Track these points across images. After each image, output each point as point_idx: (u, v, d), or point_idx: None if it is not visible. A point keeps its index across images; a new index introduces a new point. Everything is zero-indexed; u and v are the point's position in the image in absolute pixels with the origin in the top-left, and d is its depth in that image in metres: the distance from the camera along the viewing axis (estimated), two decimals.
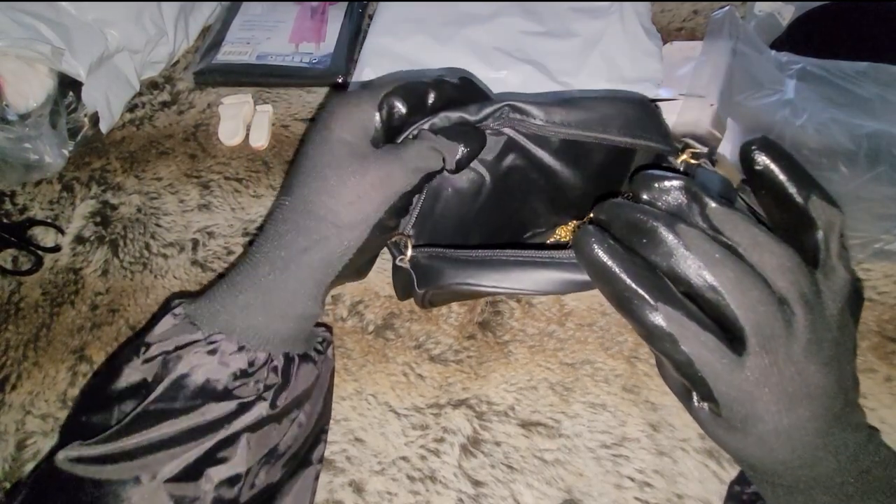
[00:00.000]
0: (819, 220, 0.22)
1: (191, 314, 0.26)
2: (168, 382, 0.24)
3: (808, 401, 0.22)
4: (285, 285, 0.26)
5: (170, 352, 0.25)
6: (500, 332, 0.37)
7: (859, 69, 0.38)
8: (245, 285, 0.26)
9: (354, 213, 0.27)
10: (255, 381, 0.25)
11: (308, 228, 0.26)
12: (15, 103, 0.44)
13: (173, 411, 0.23)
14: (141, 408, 0.23)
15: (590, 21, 0.49)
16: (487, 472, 0.32)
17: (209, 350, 0.24)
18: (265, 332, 0.26)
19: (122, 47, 0.50)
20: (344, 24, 0.56)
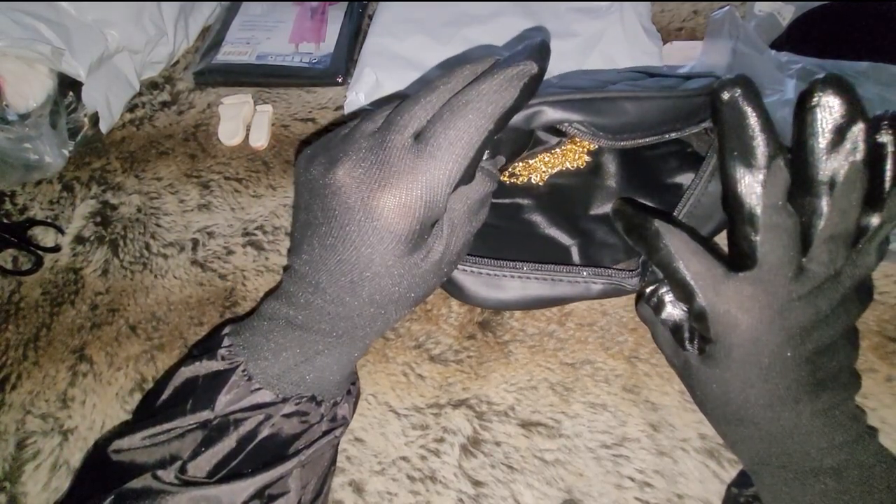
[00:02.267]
0: (891, 206, 0.23)
1: (255, 376, 0.26)
2: (259, 441, 0.25)
3: (791, 342, 0.23)
4: (350, 352, 0.27)
5: (241, 411, 0.26)
6: (500, 332, 0.37)
7: (859, 69, 0.38)
8: (312, 352, 0.26)
9: (412, 301, 0.26)
10: (321, 424, 0.27)
11: (370, 316, 0.26)
12: (15, 103, 0.44)
13: (265, 466, 0.25)
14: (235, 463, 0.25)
15: (590, 21, 0.49)
16: (487, 472, 0.32)
17: (293, 412, 0.26)
18: (335, 385, 0.28)
19: (122, 47, 0.50)
20: (344, 25, 0.56)
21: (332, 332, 0.26)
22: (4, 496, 0.33)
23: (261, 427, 0.25)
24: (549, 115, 0.29)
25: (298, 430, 0.26)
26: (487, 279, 0.33)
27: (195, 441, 0.25)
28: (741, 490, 0.28)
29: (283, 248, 0.42)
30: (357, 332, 0.26)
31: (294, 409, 0.26)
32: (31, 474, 0.33)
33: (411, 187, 0.23)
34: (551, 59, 0.25)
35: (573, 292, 0.33)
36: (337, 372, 0.27)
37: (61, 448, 0.34)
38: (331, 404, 0.28)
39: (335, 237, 0.24)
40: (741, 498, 0.28)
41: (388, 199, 0.23)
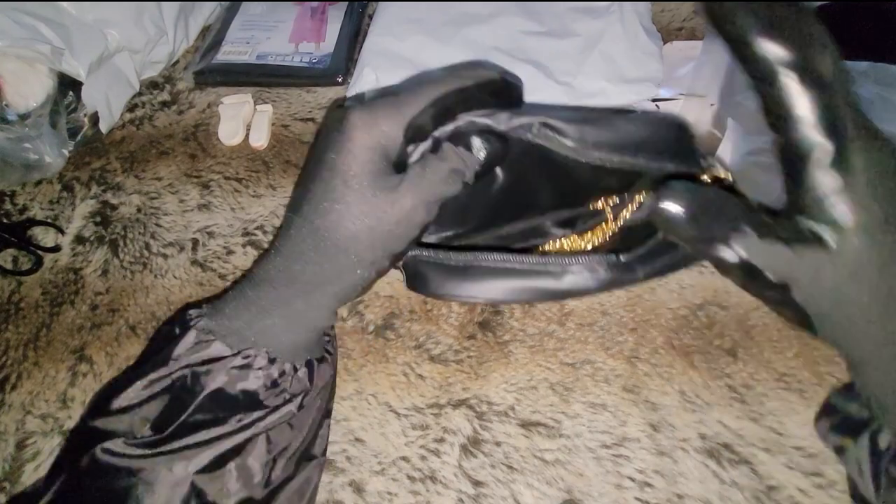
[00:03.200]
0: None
1: (214, 330, 0.27)
2: (206, 395, 0.26)
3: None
4: (309, 308, 0.27)
5: (198, 366, 0.26)
6: (500, 332, 0.37)
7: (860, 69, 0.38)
8: (270, 307, 0.27)
9: (378, 247, 0.27)
10: (282, 389, 0.27)
11: (333, 261, 0.27)
12: (15, 103, 0.44)
13: (214, 420, 0.25)
14: (182, 418, 0.25)
15: (590, 21, 0.49)
16: (487, 472, 0.32)
17: (242, 364, 0.26)
18: (291, 346, 0.28)
19: (122, 47, 0.50)
20: (344, 24, 0.56)
21: (288, 283, 0.27)
22: (4, 496, 0.33)
23: (210, 380, 0.26)
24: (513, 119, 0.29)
25: (251, 388, 0.26)
26: (455, 270, 0.32)
27: (162, 403, 0.26)
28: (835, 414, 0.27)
29: None
30: (314, 285, 0.27)
31: (244, 361, 0.26)
32: (31, 474, 0.33)
33: (375, 106, 0.27)
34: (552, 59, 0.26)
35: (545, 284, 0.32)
36: (290, 330, 0.27)
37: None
38: (289, 367, 0.27)
39: (317, 162, 0.27)
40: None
41: (356, 114, 0.27)
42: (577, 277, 0.32)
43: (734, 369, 0.34)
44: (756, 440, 0.32)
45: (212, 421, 0.25)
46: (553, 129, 0.29)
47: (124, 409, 0.26)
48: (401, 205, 0.26)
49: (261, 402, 0.26)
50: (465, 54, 0.49)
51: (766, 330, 0.35)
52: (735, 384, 0.34)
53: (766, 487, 0.30)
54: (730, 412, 0.33)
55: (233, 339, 0.27)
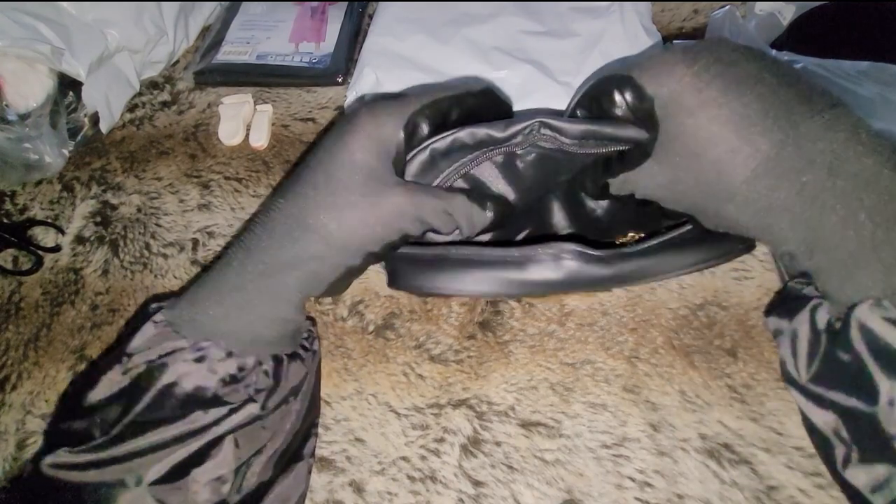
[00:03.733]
0: None
1: (173, 321, 0.25)
2: (155, 392, 0.24)
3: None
4: (268, 291, 0.26)
5: (153, 360, 0.24)
6: (500, 331, 0.37)
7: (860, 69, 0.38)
8: (228, 289, 0.25)
9: (353, 240, 0.26)
10: (245, 385, 0.25)
11: (301, 241, 0.26)
12: (15, 103, 0.44)
13: (162, 420, 0.23)
14: (129, 418, 0.23)
15: (590, 21, 0.49)
16: (488, 472, 0.32)
17: (196, 357, 0.24)
18: (251, 337, 0.26)
19: (122, 47, 0.50)
20: (344, 24, 0.56)
21: (248, 264, 0.26)
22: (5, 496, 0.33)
23: (161, 372, 0.24)
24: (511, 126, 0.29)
25: (207, 384, 0.24)
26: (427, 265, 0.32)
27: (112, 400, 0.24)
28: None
29: None
30: (274, 267, 0.25)
31: (198, 354, 0.24)
32: None
33: (377, 104, 0.28)
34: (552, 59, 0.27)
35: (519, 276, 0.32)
36: (249, 320, 0.25)
37: None
38: (251, 362, 0.25)
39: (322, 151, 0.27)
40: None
41: (363, 109, 0.28)
42: (542, 267, 0.31)
43: (734, 369, 0.34)
44: (756, 440, 0.32)
45: (162, 420, 0.23)
46: (551, 129, 0.29)
47: (86, 409, 0.24)
48: (387, 205, 0.26)
49: (219, 398, 0.24)
50: (465, 54, 0.48)
51: (766, 330, 0.35)
52: (735, 384, 0.34)
53: (767, 487, 0.30)
54: (730, 412, 0.33)
55: (189, 330, 0.25)
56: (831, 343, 0.23)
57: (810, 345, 0.24)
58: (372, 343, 0.37)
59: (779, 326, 0.26)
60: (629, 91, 0.27)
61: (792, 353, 0.25)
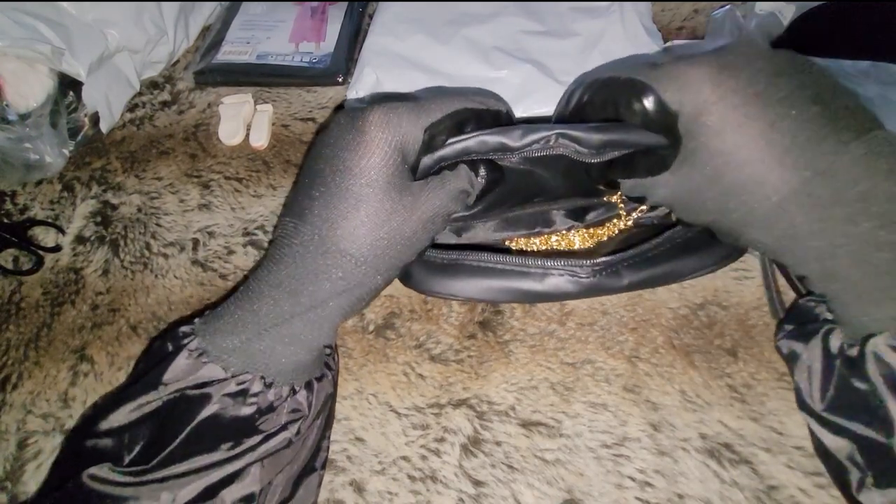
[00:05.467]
0: None
1: (208, 351, 0.25)
2: (197, 423, 0.24)
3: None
4: (311, 327, 0.25)
5: (191, 390, 0.24)
6: (500, 331, 0.37)
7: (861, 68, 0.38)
8: (268, 325, 0.25)
9: (392, 259, 0.26)
10: (278, 413, 0.25)
11: (341, 273, 0.25)
12: (15, 103, 0.44)
13: (202, 449, 0.23)
14: (172, 446, 0.23)
15: (590, 20, 0.49)
16: (488, 471, 0.32)
17: (237, 391, 0.24)
18: (293, 367, 0.26)
19: (122, 47, 0.50)
20: (344, 24, 0.56)
21: (289, 298, 0.25)
22: (5, 496, 0.33)
23: (202, 406, 0.24)
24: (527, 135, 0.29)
25: (246, 414, 0.24)
26: (439, 267, 0.32)
27: (153, 425, 0.24)
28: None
29: None
30: (319, 300, 0.25)
31: (238, 387, 0.24)
32: (33, 474, 0.33)
33: (395, 109, 0.26)
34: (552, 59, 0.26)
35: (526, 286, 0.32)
36: (290, 351, 0.25)
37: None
38: (285, 391, 0.26)
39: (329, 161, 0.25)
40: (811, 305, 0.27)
41: (375, 113, 0.26)
42: (559, 280, 0.32)
43: (735, 369, 0.34)
44: (757, 440, 0.32)
45: (202, 449, 0.24)
46: (570, 139, 0.29)
47: (113, 430, 0.24)
48: (421, 212, 0.25)
49: (255, 427, 0.25)
50: (465, 54, 0.48)
51: (766, 330, 0.35)
52: (735, 384, 0.34)
53: (767, 487, 0.30)
54: (730, 412, 0.33)
55: (227, 361, 0.25)
56: (846, 370, 0.23)
57: (824, 371, 0.24)
58: (372, 343, 0.37)
59: (793, 349, 0.26)
60: (651, 102, 0.26)
61: (807, 379, 0.25)
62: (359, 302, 0.26)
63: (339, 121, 0.27)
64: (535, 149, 0.29)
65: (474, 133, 0.29)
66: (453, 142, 0.29)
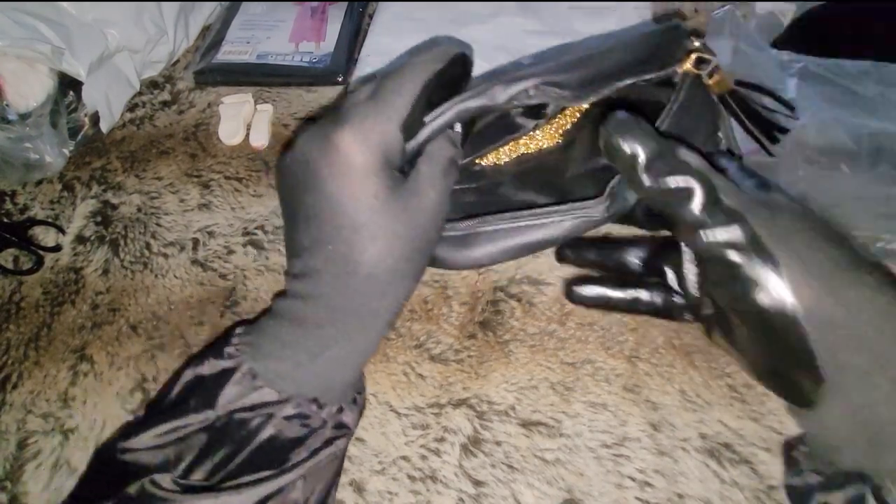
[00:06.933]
0: None
1: (261, 374, 0.26)
2: (257, 445, 0.25)
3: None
4: (358, 345, 0.27)
5: (244, 410, 0.25)
6: (500, 331, 0.37)
7: (861, 68, 0.38)
8: (318, 349, 0.26)
9: (417, 259, 0.26)
10: (324, 430, 0.27)
11: (375, 291, 0.25)
12: (15, 103, 0.44)
13: (259, 467, 0.25)
14: (232, 465, 0.25)
15: (590, 20, 0.49)
16: (488, 471, 0.32)
17: (293, 414, 0.26)
18: (339, 387, 0.27)
19: (122, 47, 0.50)
20: (344, 24, 0.56)
21: (335, 323, 0.26)
22: (6, 495, 0.33)
23: (262, 428, 0.25)
24: (507, 90, 0.28)
25: (300, 434, 0.26)
26: (455, 240, 0.31)
27: (200, 443, 0.25)
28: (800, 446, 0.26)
29: (284, 247, 0.42)
30: (362, 320, 0.26)
31: (295, 411, 0.26)
32: (33, 474, 0.33)
33: (363, 119, 0.25)
34: None
35: (543, 235, 0.31)
36: (342, 372, 0.27)
37: (62, 448, 0.34)
38: (334, 410, 0.27)
39: (315, 201, 0.25)
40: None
41: (344, 134, 0.24)
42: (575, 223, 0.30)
43: (734, 369, 0.34)
44: (756, 440, 0.32)
45: (260, 467, 0.25)
46: (551, 85, 0.28)
47: (158, 446, 0.25)
48: (426, 204, 0.26)
49: (305, 444, 0.26)
50: None
51: None
52: (735, 384, 0.34)
53: (767, 487, 0.30)
54: (730, 412, 0.33)
55: (280, 384, 0.26)
56: None
57: None
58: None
59: None
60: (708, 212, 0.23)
61: None
62: (399, 308, 0.27)
63: (305, 148, 0.26)
64: (517, 103, 0.28)
65: (452, 103, 0.28)
66: (432, 119, 0.28)
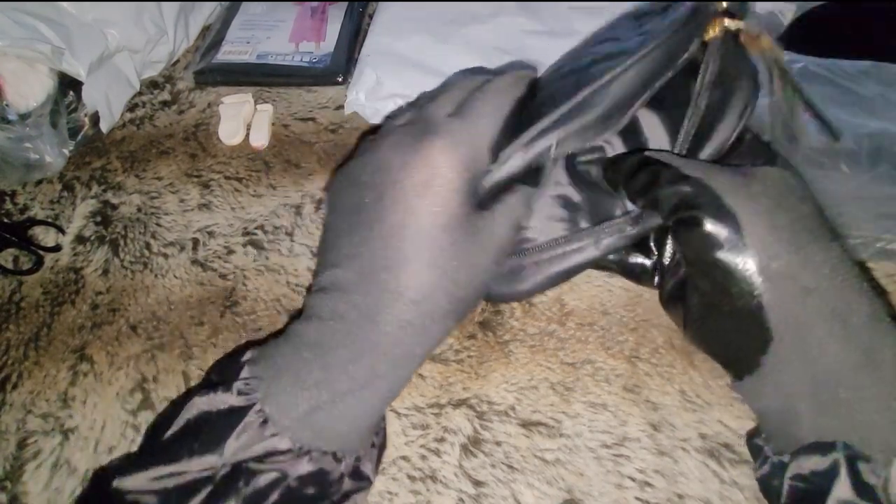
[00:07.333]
0: None
1: (276, 420, 0.22)
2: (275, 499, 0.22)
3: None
4: (386, 388, 0.24)
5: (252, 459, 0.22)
6: (500, 331, 0.37)
7: (861, 68, 0.38)
8: (342, 389, 0.23)
9: (465, 303, 0.24)
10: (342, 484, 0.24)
11: (416, 325, 0.23)
12: (15, 103, 0.44)
13: None
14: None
15: (590, 20, 0.49)
16: (488, 471, 0.32)
17: (310, 472, 0.23)
18: (359, 435, 0.24)
19: (122, 47, 0.50)
20: (344, 24, 0.56)
21: (360, 357, 0.22)
22: (5, 495, 0.33)
23: (273, 489, 0.22)
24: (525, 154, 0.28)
25: (314, 493, 0.23)
26: (503, 277, 0.32)
27: (202, 495, 0.22)
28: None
29: (284, 247, 0.42)
30: (392, 357, 0.23)
31: (311, 468, 0.23)
32: (32, 474, 0.33)
33: (455, 133, 0.23)
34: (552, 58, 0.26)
35: (584, 257, 0.31)
36: (363, 419, 0.23)
37: (62, 447, 0.34)
38: (352, 460, 0.24)
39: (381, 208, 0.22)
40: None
41: (435, 144, 0.23)
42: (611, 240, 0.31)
43: None
44: None
45: None
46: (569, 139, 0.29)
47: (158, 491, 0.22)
48: (491, 246, 0.24)
49: (323, 499, 0.23)
50: (465, 54, 0.49)
51: None
52: None
53: None
54: (730, 412, 0.33)
55: (296, 433, 0.22)
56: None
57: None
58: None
59: None
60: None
61: None
62: (434, 349, 0.25)
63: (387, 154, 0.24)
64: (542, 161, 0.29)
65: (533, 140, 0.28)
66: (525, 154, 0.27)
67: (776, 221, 0.23)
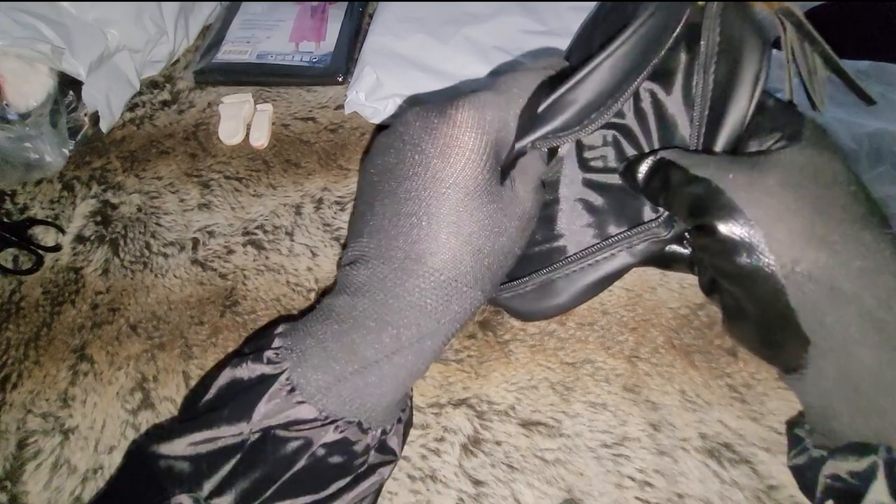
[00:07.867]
0: None
1: (303, 388, 0.23)
2: (298, 470, 0.22)
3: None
4: (414, 360, 0.24)
5: (280, 427, 0.23)
6: (500, 331, 0.37)
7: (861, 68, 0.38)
8: (368, 359, 0.23)
9: (494, 274, 0.24)
10: (368, 456, 0.24)
11: (444, 294, 0.22)
12: (15, 103, 0.44)
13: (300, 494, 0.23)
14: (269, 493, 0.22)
15: None
16: (488, 471, 0.32)
17: (335, 440, 0.23)
18: (385, 407, 0.24)
19: (123, 47, 0.50)
20: (344, 24, 0.56)
21: (385, 327, 0.22)
22: (5, 495, 0.33)
23: (300, 453, 0.22)
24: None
25: (340, 462, 0.23)
26: (535, 293, 0.32)
27: (232, 460, 0.22)
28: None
29: (284, 247, 0.42)
30: (418, 328, 0.22)
31: (337, 437, 0.23)
32: (32, 473, 0.33)
33: (483, 102, 0.23)
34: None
35: (619, 264, 0.31)
36: (389, 392, 0.23)
37: (62, 447, 0.34)
38: (379, 433, 0.24)
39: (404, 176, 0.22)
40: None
41: (461, 110, 0.23)
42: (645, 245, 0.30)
43: (735, 369, 0.34)
44: (756, 440, 0.32)
45: (299, 494, 0.22)
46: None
47: (190, 457, 0.23)
48: (518, 214, 0.24)
49: (349, 470, 0.23)
50: (465, 54, 0.48)
51: None
52: (735, 384, 0.34)
53: (767, 487, 0.30)
54: (730, 412, 0.33)
55: (322, 401, 0.23)
56: None
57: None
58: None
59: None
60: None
61: None
62: (462, 324, 0.24)
63: (414, 120, 0.24)
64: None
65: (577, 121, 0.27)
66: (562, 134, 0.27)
67: (797, 218, 0.21)
